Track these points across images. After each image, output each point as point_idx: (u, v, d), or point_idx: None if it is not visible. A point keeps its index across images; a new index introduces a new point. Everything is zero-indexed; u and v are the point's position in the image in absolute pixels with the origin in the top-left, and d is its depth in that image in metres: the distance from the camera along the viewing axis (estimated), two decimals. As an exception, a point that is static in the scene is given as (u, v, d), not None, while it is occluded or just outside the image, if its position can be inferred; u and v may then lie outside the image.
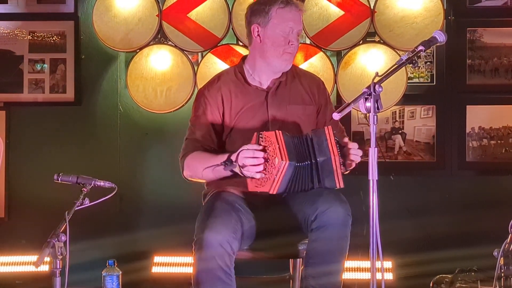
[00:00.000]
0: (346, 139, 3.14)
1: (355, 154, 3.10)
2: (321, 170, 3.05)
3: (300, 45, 4.59)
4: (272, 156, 3.00)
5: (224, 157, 3.12)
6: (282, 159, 2.97)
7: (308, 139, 3.08)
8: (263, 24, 3.28)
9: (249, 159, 3.01)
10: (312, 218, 3.06)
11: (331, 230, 3.05)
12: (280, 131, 3.04)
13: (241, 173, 3.05)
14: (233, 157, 3.07)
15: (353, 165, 3.13)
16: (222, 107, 3.32)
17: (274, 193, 3.02)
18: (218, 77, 3.43)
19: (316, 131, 3.10)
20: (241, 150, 3.04)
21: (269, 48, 3.28)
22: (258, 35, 3.30)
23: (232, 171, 3.09)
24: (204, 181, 3.36)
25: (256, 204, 3.23)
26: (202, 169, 3.21)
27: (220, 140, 3.34)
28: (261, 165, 3.01)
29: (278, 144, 2.99)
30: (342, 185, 3.07)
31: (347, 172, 3.16)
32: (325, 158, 3.04)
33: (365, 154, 2.85)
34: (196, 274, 3.05)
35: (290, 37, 3.27)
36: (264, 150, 3.02)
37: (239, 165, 3.04)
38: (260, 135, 3.07)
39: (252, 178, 3.05)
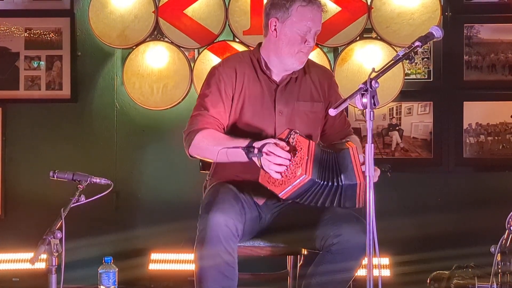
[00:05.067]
0: (361, 158, 2.97)
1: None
2: (344, 192, 2.93)
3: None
4: (297, 163, 2.88)
5: (245, 141, 3.01)
6: (305, 173, 2.85)
7: (334, 157, 2.95)
8: (281, 19, 3.20)
9: (274, 157, 2.90)
10: (334, 241, 3.03)
11: (350, 255, 3.04)
12: (314, 142, 2.94)
13: (259, 164, 2.96)
14: (256, 145, 2.96)
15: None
16: (234, 84, 3.23)
17: (283, 198, 2.94)
18: (233, 57, 3.38)
19: (341, 151, 2.96)
20: (268, 143, 2.94)
21: (284, 45, 3.20)
22: (275, 29, 3.22)
23: (250, 159, 2.98)
24: (210, 160, 3.23)
25: (258, 200, 3.23)
26: (217, 149, 3.04)
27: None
28: (283, 167, 2.90)
29: (308, 156, 2.87)
30: (362, 206, 2.95)
31: None
32: (351, 183, 2.92)
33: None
34: (199, 252, 2.99)
35: (307, 36, 3.19)
36: (292, 151, 2.92)
37: (260, 156, 2.93)
38: (292, 135, 2.96)
39: (267, 173, 2.95)
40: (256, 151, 2.95)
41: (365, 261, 2.70)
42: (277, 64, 3.27)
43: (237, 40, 4.67)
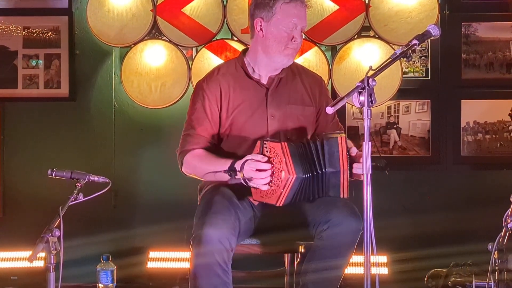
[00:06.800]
0: (354, 151, 3.08)
1: (359, 168, 3.04)
2: (327, 180, 3.01)
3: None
4: (278, 169, 2.96)
5: (227, 162, 3.10)
6: (289, 174, 2.93)
7: (318, 145, 3.02)
8: (266, 18, 3.23)
9: (256, 172, 2.99)
10: (325, 227, 3.06)
11: (340, 242, 3.06)
12: (285, 143, 3.00)
13: (245, 183, 3.04)
14: (237, 166, 3.05)
15: (361, 177, 3.08)
16: (220, 101, 3.27)
17: (281, 205, 2.99)
18: (218, 69, 3.38)
19: (329, 139, 3.03)
20: (246, 161, 3.02)
21: (271, 44, 3.23)
22: (261, 29, 3.25)
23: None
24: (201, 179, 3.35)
25: (254, 201, 3.23)
26: (204, 172, 3.20)
27: (219, 134, 3.31)
28: (268, 178, 2.99)
29: (285, 157, 2.94)
30: (346, 196, 3.03)
31: (353, 179, 3.11)
32: (334, 171, 2.99)
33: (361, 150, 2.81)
34: (194, 269, 3.05)
35: (293, 33, 3.22)
36: (269, 161, 2.99)
37: (244, 176, 3.02)
38: (264, 144, 3.02)
39: (257, 188, 3.04)
40: (238, 175, 3.04)
41: (363, 259, 2.70)
42: (266, 64, 3.30)
43: (235, 38, 4.67)
